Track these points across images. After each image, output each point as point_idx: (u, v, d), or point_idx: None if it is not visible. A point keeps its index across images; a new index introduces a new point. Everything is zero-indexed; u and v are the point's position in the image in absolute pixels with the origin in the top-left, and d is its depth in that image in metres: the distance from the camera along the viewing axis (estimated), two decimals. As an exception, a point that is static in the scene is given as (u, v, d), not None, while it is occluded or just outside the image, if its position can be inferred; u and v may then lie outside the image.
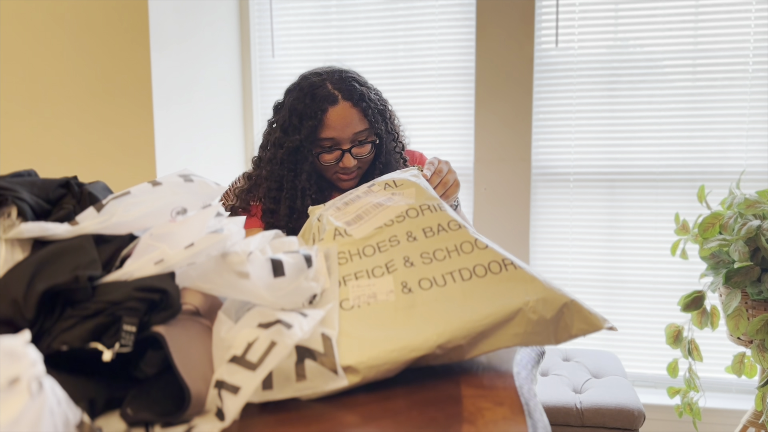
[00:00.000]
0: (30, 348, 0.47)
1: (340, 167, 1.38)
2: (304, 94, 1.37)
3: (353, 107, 1.36)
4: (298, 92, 1.39)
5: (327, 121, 1.34)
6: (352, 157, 1.37)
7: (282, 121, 1.40)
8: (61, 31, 2.13)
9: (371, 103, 1.39)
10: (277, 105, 1.45)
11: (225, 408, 0.59)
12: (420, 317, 0.70)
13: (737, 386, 2.43)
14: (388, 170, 1.43)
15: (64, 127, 2.17)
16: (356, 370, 0.64)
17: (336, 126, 1.35)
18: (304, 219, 1.32)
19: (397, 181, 0.94)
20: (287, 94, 1.43)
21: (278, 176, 1.40)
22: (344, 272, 0.78)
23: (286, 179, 1.39)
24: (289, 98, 1.41)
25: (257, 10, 2.70)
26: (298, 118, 1.36)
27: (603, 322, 0.71)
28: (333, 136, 1.35)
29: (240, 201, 1.45)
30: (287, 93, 1.43)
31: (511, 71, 2.43)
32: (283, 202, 1.39)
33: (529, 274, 0.73)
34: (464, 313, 0.69)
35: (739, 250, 1.81)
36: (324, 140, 1.35)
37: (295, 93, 1.39)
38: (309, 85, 1.38)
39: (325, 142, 1.36)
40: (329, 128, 1.35)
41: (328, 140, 1.35)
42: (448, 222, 0.82)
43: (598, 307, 2.52)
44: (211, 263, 0.65)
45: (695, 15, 2.34)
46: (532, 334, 0.68)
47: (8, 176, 0.71)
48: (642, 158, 2.43)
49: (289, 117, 1.38)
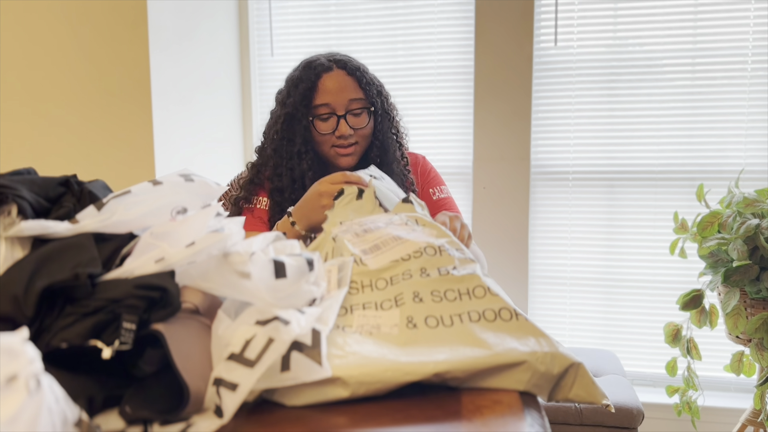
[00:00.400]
0: (28, 345, 0.47)
1: (336, 137, 1.38)
2: (300, 66, 1.42)
3: (348, 75, 1.39)
4: (294, 69, 1.44)
5: (321, 86, 1.37)
6: (348, 126, 1.37)
7: (280, 97, 1.43)
8: (60, 31, 2.13)
9: (366, 75, 1.41)
10: (278, 93, 1.48)
11: (223, 405, 0.59)
12: (421, 349, 0.70)
13: (736, 385, 2.43)
14: (386, 156, 1.45)
15: (64, 126, 2.17)
16: (346, 384, 0.64)
17: (330, 90, 1.37)
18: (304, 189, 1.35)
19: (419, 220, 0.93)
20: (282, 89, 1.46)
21: (279, 150, 1.42)
22: (353, 302, 0.78)
23: (286, 149, 1.40)
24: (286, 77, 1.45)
25: (256, 9, 2.70)
26: (293, 86, 1.39)
27: (602, 397, 0.69)
28: (327, 102, 1.37)
29: (244, 191, 1.46)
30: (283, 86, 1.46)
31: (510, 70, 2.43)
32: (285, 173, 1.40)
33: (540, 329, 0.72)
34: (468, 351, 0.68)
35: (738, 248, 1.82)
36: (319, 107, 1.37)
37: (292, 71, 1.44)
38: (305, 60, 1.43)
39: (320, 109, 1.37)
40: (323, 93, 1.37)
41: (323, 106, 1.37)
42: (464, 266, 0.81)
43: (597, 305, 2.53)
44: (212, 262, 0.65)
45: (694, 14, 2.34)
46: (535, 385, 0.67)
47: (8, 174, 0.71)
48: (641, 157, 2.44)
49: (285, 90, 1.42)
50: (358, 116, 1.40)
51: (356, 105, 1.39)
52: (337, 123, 1.37)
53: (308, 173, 1.39)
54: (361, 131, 1.41)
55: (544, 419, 0.63)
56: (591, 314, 2.54)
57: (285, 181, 1.40)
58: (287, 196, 1.40)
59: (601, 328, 2.54)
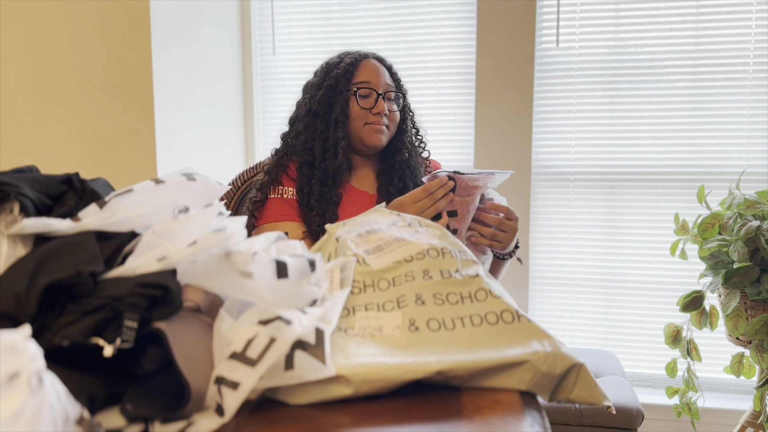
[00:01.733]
0: (30, 343, 0.47)
1: (374, 113, 1.45)
2: (337, 56, 1.51)
3: (382, 65, 1.51)
4: (329, 59, 1.52)
5: (362, 66, 1.47)
6: (385, 106, 1.46)
7: (316, 79, 1.50)
8: (63, 30, 2.13)
9: (396, 72, 1.54)
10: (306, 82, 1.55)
11: (224, 404, 0.59)
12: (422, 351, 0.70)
13: (736, 386, 2.43)
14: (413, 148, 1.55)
15: (66, 124, 2.17)
16: (349, 381, 0.64)
17: (371, 71, 1.47)
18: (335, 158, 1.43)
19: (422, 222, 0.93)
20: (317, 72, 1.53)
21: (314, 122, 1.47)
22: (355, 302, 0.78)
23: (322, 119, 1.45)
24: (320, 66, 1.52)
25: (258, 8, 2.70)
26: (334, 64, 1.48)
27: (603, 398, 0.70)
28: (368, 80, 1.46)
29: (269, 176, 1.48)
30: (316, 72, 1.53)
31: (511, 71, 2.43)
32: (317, 143, 1.45)
33: (542, 330, 0.72)
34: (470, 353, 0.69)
35: (739, 250, 1.82)
36: (359, 83, 1.45)
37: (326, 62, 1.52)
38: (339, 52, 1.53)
39: (360, 85, 1.45)
40: (364, 71, 1.46)
41: (364, 83, 1.46)
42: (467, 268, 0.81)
43: (598, 306, 2.53)
44: (214, 261, 0.65)
45: (696, 15, 2.34)
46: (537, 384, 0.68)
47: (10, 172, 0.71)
48: (642, 158, 2.44)
49: (324, 69, 1.50)
50: (392, 101, 1.49)
51: (391, 89, 1.49)
52: (376, 101, 1.45)
53: (341, 142, 1.44)
54: (392, 115, 1.49)
55: (545, 419, 0.63)
56: (591, 315, 2.54)
57: (317, 151, 1.45)
58: (318, 164, 1.44)
59: (601, 329, 2.54)
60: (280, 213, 1.44)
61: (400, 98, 1.51)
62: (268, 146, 2.75)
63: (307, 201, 1.43)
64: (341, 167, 1.44)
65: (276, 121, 2.72)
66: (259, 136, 2.77)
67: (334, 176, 1.44)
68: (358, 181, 1.52)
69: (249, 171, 1.64)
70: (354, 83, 1.45)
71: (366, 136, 1.46)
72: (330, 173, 1.43)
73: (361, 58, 1.48)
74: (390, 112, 1.47)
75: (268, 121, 2.76)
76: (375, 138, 1.46)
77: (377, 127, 1.45)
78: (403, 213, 0.97)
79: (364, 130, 1.45)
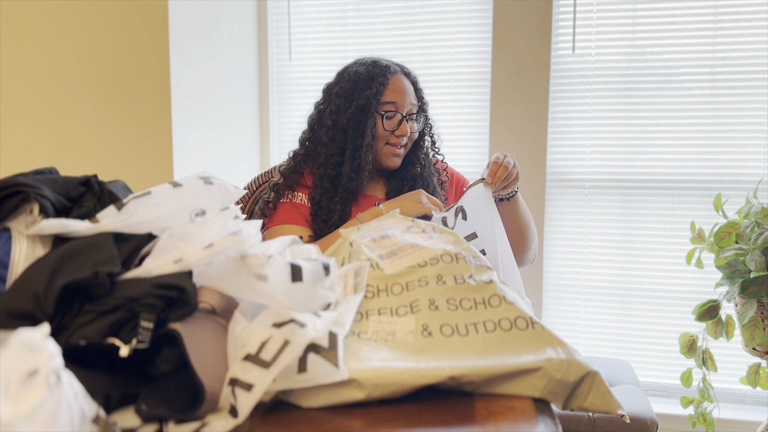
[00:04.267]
0: (49, 341, 0.47)
1: (395, 136, 1.45)
2: (366, 65, 1.47)
3: (409, 80, 1.49)
4: (357, 66, 1.48)
5: (391, 86, 1.45)
6: (407, 128, 1.45)
7: (343, 90, 1.46)
8: (82, 34, 2.16)
9: (419, 86, 1.52)
10: (329, 85, 1.52)
11: (238, 405, 0.60)
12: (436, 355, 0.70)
13: (752, 397, 2.40)
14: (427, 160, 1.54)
15: (85, 126, 2.20)
16: (362, 385, 0.64)
17: (398, 91, 1.45)
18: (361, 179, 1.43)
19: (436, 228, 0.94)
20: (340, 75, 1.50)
21: (341, 138, 1.45)
22: (369, 306, 0.78)
23: (351, 139, 1.44)
24: (346, 73, 1.48)
25: (275, 14, 2.71)
26: (364, 81, 1.44)
27: (617, 407, 0.69)
28: (394, 101, 1.44)
29: (285, 179, 1.49)
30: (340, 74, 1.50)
31: (527, 77, 2.42)
32: (346, 162, 1.45)
33: (557, 337, 0.72)
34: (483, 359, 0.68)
35: (756, 259, 1.80)
36: (387, 104, 1.44)
37: (354, 67, 1.48)
38: (368, 59, 1.49)
39: (387, 106, 1.44)
40: (393, 92, 1.45)
41: (390, 104, 1.44)
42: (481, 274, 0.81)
43: (612, 314, 2.51)
44: (229, 264, 0.65)
45: (714, 22, 2.32)
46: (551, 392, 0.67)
47: (30, 173, 0.72)
48: (658, 166, 2.42)
49: (353, 82, 1.45)
50: (414, 121, 1.48)
51: (414, 109, 1.48)
52: (400, 123, 1.45)
53: (368, 166, 1.44)
54: (412, 135, 1.49)
55: (558, 426, 0.63)
56: (606, 323, 2.52)
57: (345, 170, 1.44)
58: (344, 183, 1.43)
59: (615, 338, 2.52)
60: (287, 216, 1.47)
61: (421, 117, 1.51)
62: (283, 151, 2.76)
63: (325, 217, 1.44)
64: (362, 185, 1.46)
65: (291, 127, 2.73)
66: (275, 141, 2.78)
67: (355, 193, 1.46)
68: (369, 186, 1.53)
69: (264, 175, 1.65)
70: (382, 102, 1.44)
71: (384, 158, 1.48)
72: (352, 191, 1.45)
73: (391, 74, 1.46)
74: (410, 132, 1.48)
75: (284, 126, 2.77)
76: (391, 161, 1.48)
77: (395, 151, 1.46)
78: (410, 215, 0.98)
79: (383, 151, 1.47)
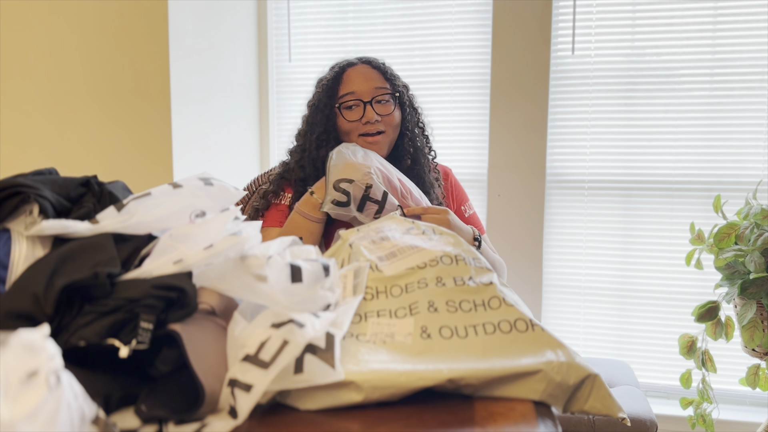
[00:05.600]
0: (49, 342, 0.47)
1: (363, 123, 1.42)
2: (330, 68, 1.49)
3: (372, 68, 1.46)
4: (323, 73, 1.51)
5: (345, 77, 1.43)
6: (375, 112, 1.41)
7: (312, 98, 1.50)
8: (82, 35, 2.16)
9: (390, 69, 1.48)
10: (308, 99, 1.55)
11: (238, 406, 0.60)
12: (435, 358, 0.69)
13: (751, 398, 2.40)
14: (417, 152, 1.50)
15: (85, 128, 2.20)
16: (359, 388, 0.63)
17: (355, 80, 1.43)
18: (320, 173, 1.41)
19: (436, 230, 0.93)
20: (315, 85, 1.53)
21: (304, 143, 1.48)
22: (368, 308, 0.77)
23: (307, 139, 1.46)
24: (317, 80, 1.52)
25: (275, 15, 2.71)
26: (319, 82, 1.47)
27: (618, 410, 0.69)
28: (353, 90, 1.42)
29: (273, 185, 1.49)
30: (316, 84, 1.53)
31: (526, 78, 2.43)
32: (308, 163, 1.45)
33: (557, 340, 0.71)
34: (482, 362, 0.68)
35: (755, 260, 1.80)
36: (344, 96, 1.42)
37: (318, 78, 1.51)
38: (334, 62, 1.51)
39: (346, 98, 1.42)
40: (348, 83, 1.43)
41: (349, 95, 1.42)
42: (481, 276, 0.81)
43: (612, 316, 2.51)
44: (229, 265, 0.65)
45: (713, 24, 2.33)
46: (551, 395, 0.67)
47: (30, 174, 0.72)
48: (658, 167, 2.42)
49: (314, 89, 1.49)
50: (384, 104, 1.44)
51: (382, 92, 1.43)
52: (364, 110, 1.41)
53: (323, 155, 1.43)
54: (387, 118, 1.44)
55: (558, 428, 0.63)
56: (605, 324, 2.52)
57: (308, 171, 1.45)
58: (311, 184, 1.42)
59: (615, 339, 2.52)
60: (271, 219, 1.46)
61: (397, 97, 1.45)
62: (282, 152, 2.76)
63: None
64: None
65: (291, 128, 2.72)
66: (274, 142, 2.79)
67: None
68: None
69: (263, 176, 1.65)
70: (339, 96, 1.42)
71: None
72: None
73: (345, 68, 1.44)
74: (384, 115, 1.42)
75: (283, 127, 2.77)
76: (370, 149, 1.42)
77: (370, 139, 1.42)
78: None
79: (359, 143, 1.42)
